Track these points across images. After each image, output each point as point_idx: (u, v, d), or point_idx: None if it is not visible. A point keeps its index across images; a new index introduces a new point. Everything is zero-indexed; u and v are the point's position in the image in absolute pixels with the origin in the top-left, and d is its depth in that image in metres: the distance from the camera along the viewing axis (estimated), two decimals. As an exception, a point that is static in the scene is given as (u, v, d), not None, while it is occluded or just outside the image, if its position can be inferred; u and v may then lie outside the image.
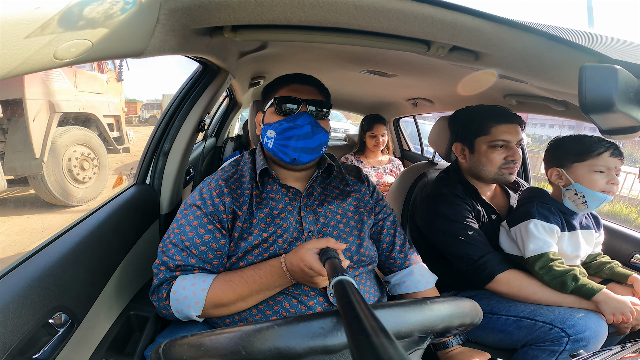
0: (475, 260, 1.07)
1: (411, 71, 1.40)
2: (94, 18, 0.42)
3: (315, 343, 0.39)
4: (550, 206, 1.07)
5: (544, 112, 1.32)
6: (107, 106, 5.49)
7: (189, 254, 0.78)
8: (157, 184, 1.28)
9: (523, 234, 1.05)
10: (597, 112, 0.51)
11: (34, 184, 4.24)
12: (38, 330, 0.63)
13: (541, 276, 1.00)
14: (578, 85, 0.49)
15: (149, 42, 0.57)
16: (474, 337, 1.11)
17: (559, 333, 0.91)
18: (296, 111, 0.85)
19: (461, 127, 1.21)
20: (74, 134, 4.61)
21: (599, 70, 0.48)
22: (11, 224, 3.79)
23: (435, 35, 0.63)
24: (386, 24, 0.60)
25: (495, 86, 1.30)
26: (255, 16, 0.60)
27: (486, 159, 1.12)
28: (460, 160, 1.22)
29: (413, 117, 2.76)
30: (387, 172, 2.33)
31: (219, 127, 2.40)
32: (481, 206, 1.19)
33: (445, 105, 1.92)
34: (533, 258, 1.02)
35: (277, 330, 0.39)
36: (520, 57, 0.67)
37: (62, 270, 0.73)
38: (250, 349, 0.38)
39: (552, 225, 1.03)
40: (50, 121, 4.24)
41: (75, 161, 4.55)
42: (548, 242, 1.02)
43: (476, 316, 0.54)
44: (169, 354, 0.43)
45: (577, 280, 0.96)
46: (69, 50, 0.43)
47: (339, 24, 0.61)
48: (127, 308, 0.99)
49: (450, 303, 0.52)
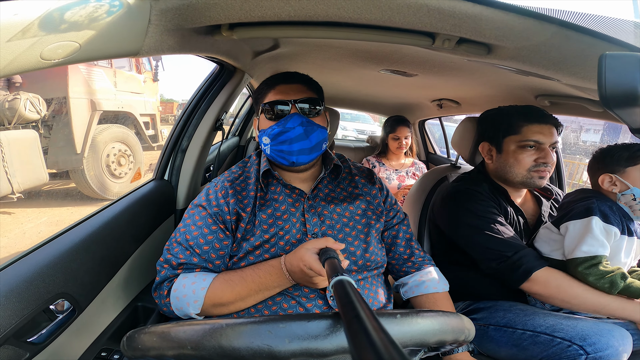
0: (508, 256, 0.97)
1: (432, 70, 1.33)
2: (77, 21, 0.44)
3: (260, 344, 0.37)
4: (611, 205, 0.96)
5: (580, 114, 1.19)
6: (143, 105, 5.79)
7: (192, 252, 0.79)
8: (175, 179, 1.34)
9: (579, 232, 0.93)
10: (621, 106, 0.45)
11: (74, 178, 4.53)
12: (38, 314, 0.66)
13: (585, 276, 0.90)
14: (597, 76, 0.43)
15: (144, 42, 0.59)
16: (485, 350, 1.04)
17: (577, 351, 0.84)
18: (287, 113, 0.83)
19: (490, 125, 1.13)
20: (112, 131, 4.87)
21: (622, 58, 0.42)
22: (52, 215, 4.06)
23: (435, 26, 0.58)
24: (378, 15, 0.56)
25: (525, 86, 1.19)
26: (245, 13, 0.60)
27: (514, 160, 1.04)
28: (487, 161, 1.15)
29: (439, 119, 2.63)
30: (409, 175, 2.24)
31: (242, 127, 2.46)
32: (510, 207, 1.11)
33: (472, 107, 1.81)
34: (582, 259, 0.91)
35: (226, 329, 0.39)
36: (536, 49, 0.59)
37: (71, 259, 0.76)
38: (197, 346, 0.37)
39: (610, 227, 0.92)
40: (91, 119, 4.53)
41: (113, 157, 4.82)
42: (605, 244, 0.91)
43: (461, 333, 0.49)
44: (133, 342, 0.44)
45: (626, 278, 0.88)
46: (56, 52, 0.45)
47: (329, 18, 0.59)
48: (136, 299, 1.02)
49: (435, 318, 0.48)
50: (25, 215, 3.89)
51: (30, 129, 3.92)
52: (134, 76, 5.67)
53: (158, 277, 0.81)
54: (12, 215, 3.87)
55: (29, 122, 3.94)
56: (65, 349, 0.75)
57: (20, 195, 3.63)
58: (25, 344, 0.64)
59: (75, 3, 0.42)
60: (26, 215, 3.89)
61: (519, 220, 1.12)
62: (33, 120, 3.97)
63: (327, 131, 0.89)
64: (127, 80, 5.42)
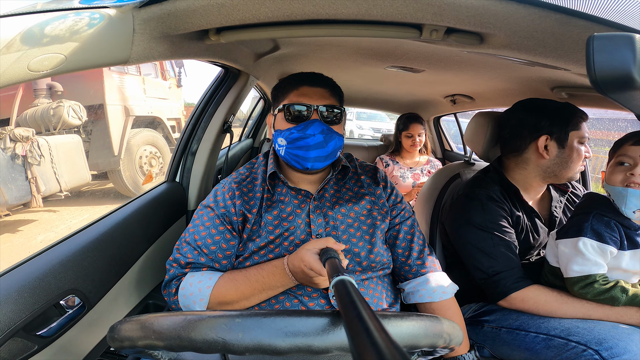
0: (489, 275, 0.98)
1: (439, 65, 1.28)
2: (58, 35, 0.47)
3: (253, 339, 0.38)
4: (609, 220, 0.88)
5: (599, 106, 1.09)
6: (169, 110, 6.11)
7: (200, 252, 0.82)
8: (186, 181, 1.40)
9: (569, 252, 0.90)
10: (615, 90, 0.41)
11: (112, 178, 4.96)
12: (49, 309, 0.71)
13: (583, 295, 0.88)
14: (586, 59, 0.40)
15: (131, 50, 0.62)
16: (499, 353, 1.00)
17: (593, 356, 0.80)
18: (306, 117, 0.82)
19: (554, 118, 1.03)
20: (144, 135, 5.28)
21: (612, 39, 0.39)
22: (93, 212, 4.39)
23: (417, 17, 0.56)
24: (355, 9, 0.55)
25: (539, 78, 1.11)
26: (225, 18, 0.61)
27: (577, 156, 1.00)
28: (544, 156, 1.02)
29: (454, 115, 2.52)
30: (424, 173, 2.17)
31: (255, 129, 2.51)
32: (522, 210, 1.06)
33: (487, 101, 1.71)
34: (576, 279, 0.88)
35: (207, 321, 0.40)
36: (529, 36, 0.55)
37: (82, 257, 0.81)
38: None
39: (604, 246, 0.86)
40: (125, 123, 4.92)
41: (145, 159, 5.21)
42: (598, 263, 0.86)
43: (439, 338, 0.47)
44: (117, 332, 0.46)
45: (627, 291, 0.85)
46: (43, 64, 0.49)
47: (307, 16, 0.58)
48: (147, 297, 1.07)
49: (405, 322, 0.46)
50: (69, 213, 4.27)
51: (72, 133, 4.35)
52: (160, 83, 5.99)
53: (167, 275, 0.84)
54: (57, 213, 4.26)
55: (71, 127, 4.31)
56: (74, 344, 0.79)
57: (68, 194, 4.06)
58: (34, 337, 0.68)
59: (54, 18, 0.45)
60: (70, 213, 4.27)
61: (534, 222, 1.06)
62: (75, 126, 4.35)
63: (343, 139, 0.88)
64: (154, 87, 5.78)
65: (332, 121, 0.84)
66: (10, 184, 3.50)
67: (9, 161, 3.51)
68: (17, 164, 3.55)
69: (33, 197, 3.67)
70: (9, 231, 3.71)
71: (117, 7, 0.56)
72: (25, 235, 3.68)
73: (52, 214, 4.23)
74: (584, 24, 0.46)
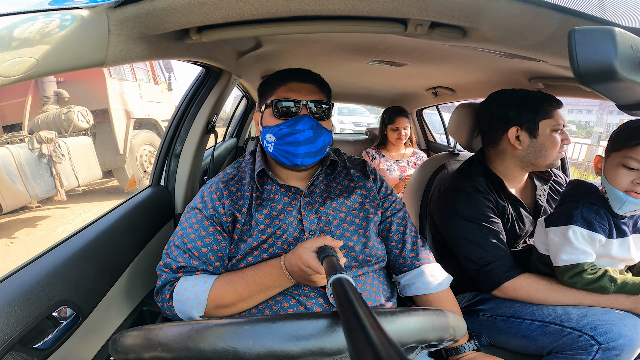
0: (481, 265, 0.99)
1: (421, 58, 1.29)
2: (27, 38, 0.44)
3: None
4: (598, 208, 0.90)
5: (575, 95, 1.14)
6: (163, 112, 6.55)
7: (191, 255, 0.79)
8: (171, 184, 1.36)
9: (558, 241, 0.91)
10: (597, 82, 0.42)
11: (117, 175, 5.53)
12: (42, 322, 0.68)
13: (572, 285, 0.90)
14: (568, 52, 0.41)
15: (107, 52, 0.59)
16: (496, 341, 1.02)
17: (589, 341, 0.82)
18: (295, 113, 0.81)
19: (522, 109, 1.04)
20: (143, 135, 5.85)
21: (592, 33, 0.40)
22: (101, 207, 4.67)
23: (402, 12, 0.56)
24: (341, 5, 0.54)
25: (517, 69, 1.14)
26: (206, 16, 0.59)
27: (551, 143, 1.02)
28: (517, 146, 1.05)
29: (436, 107, 2.57)
30: (410, 165, 2.20)
31: (239, 127, 2.47)
32: (507, 200, 1.08)
33: (467, 93, 1.75)
34: (565, 267, 0.89)
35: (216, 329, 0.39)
36: (511, 29, 0.56)
37: (71, 267, 0.78)
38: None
39: (594, 235, 0.87)
40: (127, 125, 5.45)
41: (145, 157, 5.72)
42: (587, 252, 0.88)
43: (445, 331, 0.48)
44: (121, 344, 0.45)
45: (615, 280, 0.86)
46: (13, 68, 0.45)
47: (292, 12, 0.58)
48: (141, 304, 1.04)
49: (414, 317, 0.47)
50: (80, 208, 4.78)
51: (82, 136, 4.95)
52: (153, 87, 6.54)
53: (159, 281, 0.81)
54: (68, 209, 4.75)
55: (80, 130, 4.89)
56: (74, 355, 0.77)
57: (85, 188, 4.74)
58: (32, 350, 0.66)
59: (22, 21, 0.42)
60: (80, 208, 4.78)
61: (519, 212, 1.08)
62: (84, 129, 4.93)
63: (332, 135, 0.87)
64: (149, 91, 6.29)
65: (321, 117, 0.83)
66: (39, 180, 4.14)
67: (37, 160, 4.15)
68: (44, 162, 4.19)
69: (57, 191, 4.29)
70: (28, 225, 4.22)
71: (89, 8, 0.53)
72: (45, 229, 4.21)
73: (63, 210, 4.71)
74: (561, 17, 0.47)
